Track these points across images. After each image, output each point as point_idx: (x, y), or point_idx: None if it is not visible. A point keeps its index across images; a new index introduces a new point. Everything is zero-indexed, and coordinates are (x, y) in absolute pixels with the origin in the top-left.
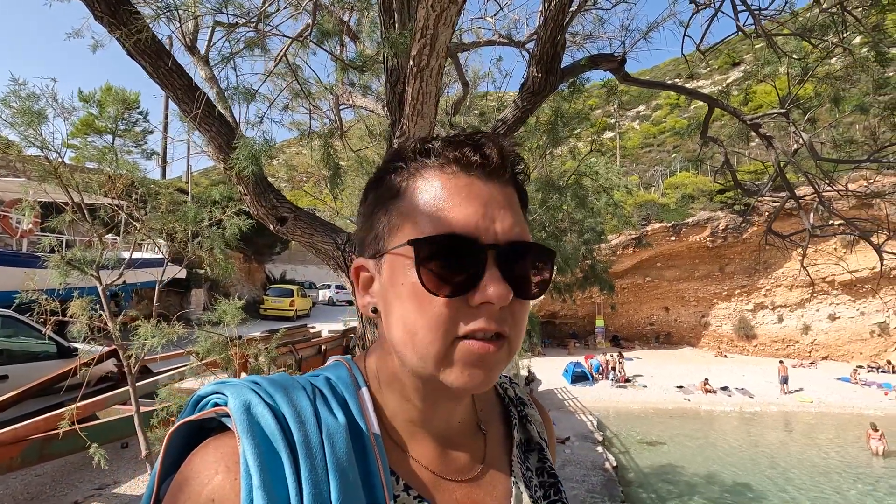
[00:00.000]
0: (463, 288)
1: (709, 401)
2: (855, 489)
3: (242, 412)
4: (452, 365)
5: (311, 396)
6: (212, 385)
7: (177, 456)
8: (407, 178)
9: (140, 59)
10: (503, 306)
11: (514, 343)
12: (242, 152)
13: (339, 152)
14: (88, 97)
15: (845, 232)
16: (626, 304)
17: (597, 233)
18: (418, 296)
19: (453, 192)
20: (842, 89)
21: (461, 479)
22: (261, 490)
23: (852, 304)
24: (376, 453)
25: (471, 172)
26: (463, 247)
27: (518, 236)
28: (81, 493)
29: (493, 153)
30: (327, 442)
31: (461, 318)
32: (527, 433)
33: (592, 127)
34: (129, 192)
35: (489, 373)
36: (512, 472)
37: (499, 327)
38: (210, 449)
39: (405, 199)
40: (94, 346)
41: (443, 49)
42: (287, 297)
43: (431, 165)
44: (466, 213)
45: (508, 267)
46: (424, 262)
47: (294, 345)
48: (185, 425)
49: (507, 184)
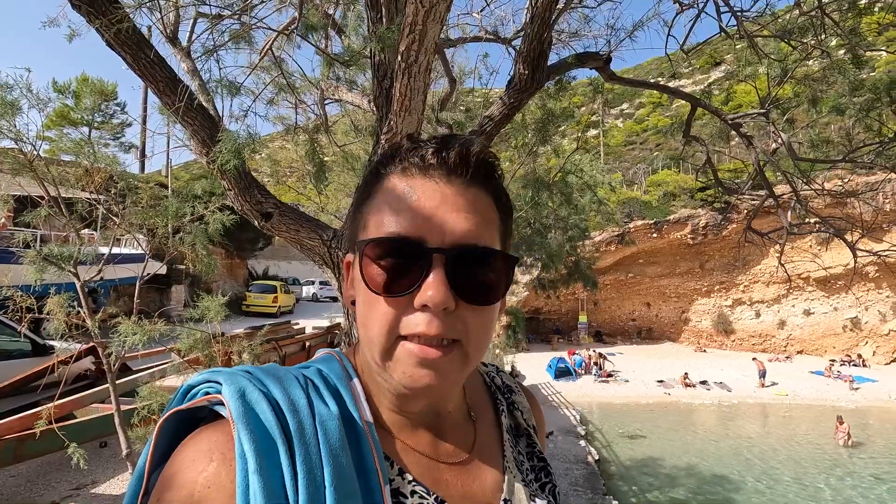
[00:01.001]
0: (404, 288)
1: (688, 394)
2: (824, 478)
3: (238, 399)
4: (395, 363)
5: (304, 386)
6: (203, 374)
7: (166, 446)
8: (378, 181)
9: (120, 50)
10: (451, 311)
11: (471, 349)
12: (225, 146)
13: (324, 147)
14: (63, 88)
15: (821, 230)
16: (609, 300)
17: (581, 229)
18: (366, 294)
19: (406, 193)
20: (819, 91)
21: (454, 462)
22: (257, 475)
23: (826, 300)
24: (370, 440)
25: (428, 174)
26: (406, 249)
27: (471, 240)
28: (59, 494)
29: (451, 154)
30: (320, 429)
31: (406, 318)
32: (514, 419)
33: (578, 125)
34: (108, 186)
35: (438, 377)
36: (504, 456)
37: (445, 333)
38: (203, 437)
39: (371, 200)
40: (72, 343)
41: (431, 45)
42: (270, 294)
43: (396, 168)
44: (413, 216)
45: (458, 271)
46: (370, 262)
47: (278, 341)
48: (175, 415)
49: (470, 185)
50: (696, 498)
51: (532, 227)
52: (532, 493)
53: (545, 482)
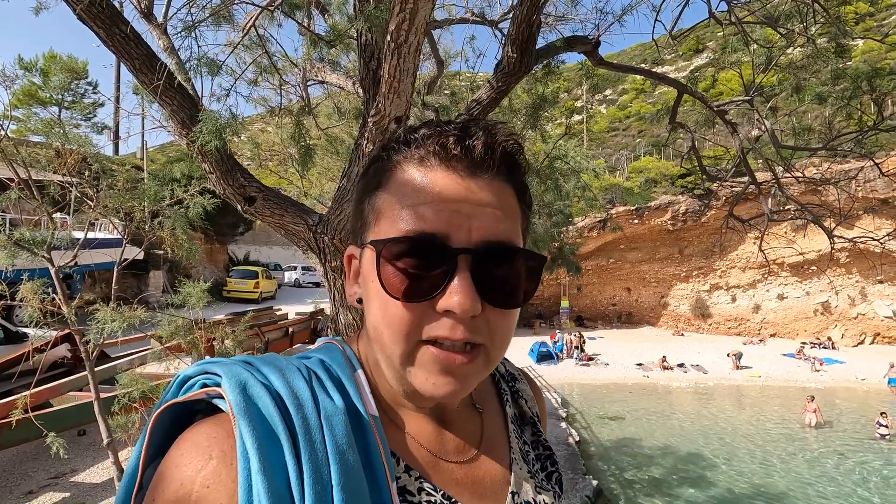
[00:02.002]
0: (426, 293)
1: (666, 377)
2: (792, 455)
3: (238, 393)
4: (417, 368)
5: (308, 378)
6: (199, 364)
7: (161, 441)
8: (388, 168)
9: (93, 24)
10: (476, 315)
11: (494, 353)
12: (206, 126)
13: (308, 130)
14: (30, 65)
15: (800, 216)
16: (591, 286)
17: (565, 215)
18: (383, 296)
19: (427, 187)
20: (802, 79)
21: (461, 461)
22: (260, 475)
23: (799, 285)
24: (376, 435)
25: (450, 166)
26: (430, 250)
27: (497, 239)
28: (36, 483)
29: (477, 144)
30: (326, 425)
31: (426, 322)
32: (519, 408)
33: (564, 110)
34: (81, 168)
35: (460, 383)
36: (510, 447)
37: (470, 336)
38: (202, 432)
39: (382, 192)
40: (47, 330)
41: (422, 24)
42: (251, 279)
43: (411, 157)
44: (438, 212)
45: (483, 273)
46: (387, 263)
47: (260, 328)
48: (170, 408)
49: (495, 179)
50: (671, 475)
51: None
52: (538, 485)
53: (551, 471)
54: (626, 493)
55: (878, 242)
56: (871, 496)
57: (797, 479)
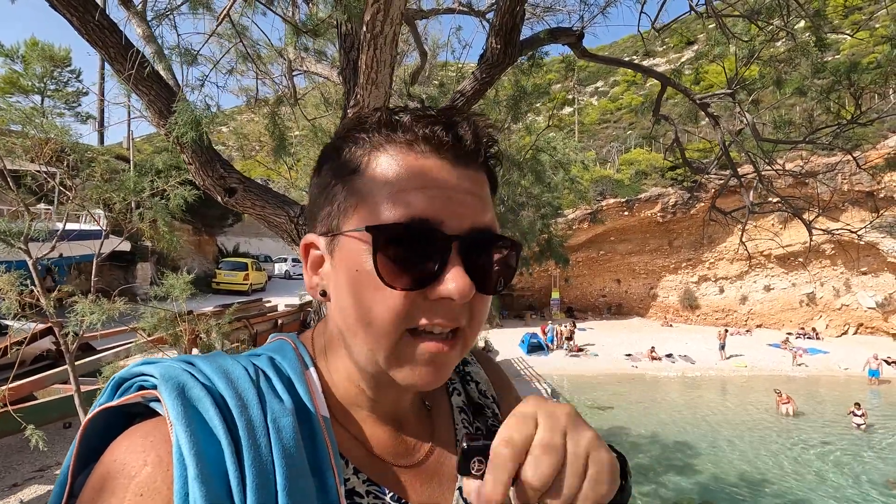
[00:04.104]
0: (423, 281)
1: (654, 367)
2: (776, 444)
3: (175, 396)
4: (403, 361)
5: (254, 378)
6: (135, 366)
7: (96, 445)
8: (369, 151)
9: (65, 11)
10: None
11: (470, 338)
12: (181, 117)
13: (293, 120)
14: (11, 52)
15: (781, 209)
16: (581, 277)
17: (554, 207)
18: (373, 285)
19: (419, 174)
20: (784, 72)
21: (411, 462)
22: (198, 482)
23: (785, 276)
24: (325, 437)
25: (441, 154)
26: (426, 236)
27: (484, 225)
28: (21, 476)
29: (467, 135)
30: (272, 427)
31: (417, 312)
32: (467, 394)
33: (551, 101)
34: (60, 158)
35: (440, 371)
36: (457, 440)
37: (457, 323)
38: (137, 436)
39: (365, 176)
40: (27, 323)
41: (397, 15)
42: (241, 271)
43: (398, 141)
44: (432, 199)
45: (472, 259)
46: (382, 250)
47: (249, 319)
48: (104, 412)
49: (479, 169)
50: (659, 463)
51: (505, 205)
52: None
53: None
54: None
55: (856, 235)
56: (848, 481)
57: (779, 467)
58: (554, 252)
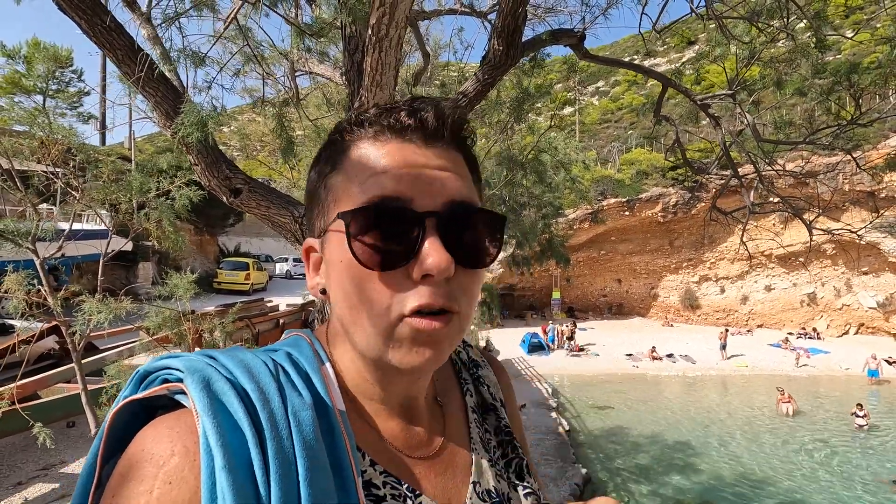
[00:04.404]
0: (399, 259)
1: (655, 367)
2: (777, 444)
3: (201, 388)
4: (399, 344)
5: (274, 372)
6: (160, 359)
7: (120, 437)
8: (342, 150)
9: (73, 14)
10: (449, 278)
11: (465, 317)
12: (188, 118)
13: (296, 121)
14: (13, 52)
15: (781, 209)
16: (582, 277)
17: (555, 207)
18: (355, 272)
19: (384, 158)
20: (784, 73)
21: (424, 456)
22: (225, 471)
23: (786, 276)
24: (343, 431)
25: (405, 137)
26: (396, 214)
27: (461, 198)
28: (25, 474)
29: (428, 116)
30: (293, 420)
31: (404, 295)
32: (480, 395)
33: (553, 102)
34: (66, 158)
35: (438, 351)
36: (471, 438)
37: (446, 302)
38: (163, 427)
39: (339, 173)
40: (33, 322)
41: (402, 18)
42: (242, 271)
43: (365, 135)
44: (398, 178)
45: (452, 234)
46: (356, 234)
47: (251, 319)
48: (130, 404)
49: (449, 148)
50: (659, 463)
51: (506, 205)
52: (498, 473)
53: (511, 458)
54: (615, 481)
55: (856, 234)
56: (848, 482)
57: (780, 466)
58: (555, 252)
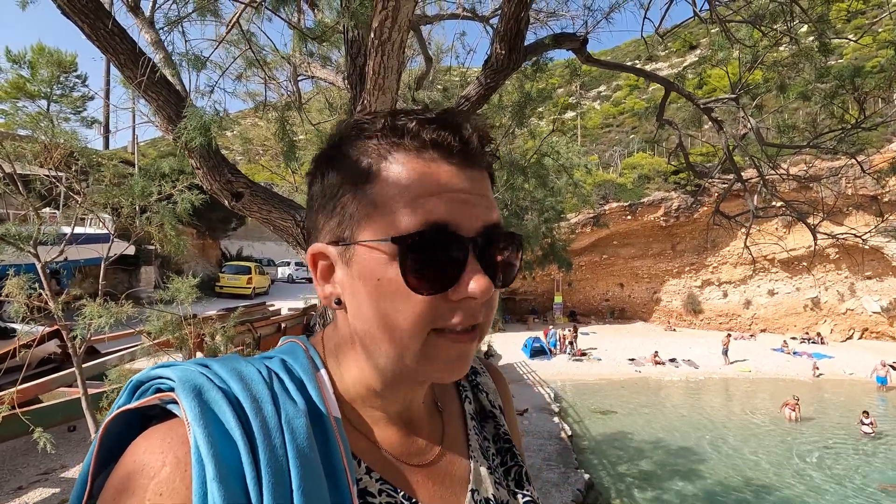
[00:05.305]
0: (447, 284)
1: (658, 372)
2: (782, 450)
3: (193, 398)
4: (432, 360)
5: (268, 380)
6: (152, 369)
7: (114, 446)
8: (377, 159)
9: (76, 18)
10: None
11: (485, 329)
12: (191, 122)
13: (298, 125)
14: (18, 57)
15: (785, 213)
16: (584, 281)
17: (557, 211)
18: (398, 293)
19: (432, 180)
20: (788, 77)
21: (422, 464)
22: (216, 482)
23: (789, 281)
24: (338, 438)
25: (451, 159)
26: (447, 242)
27: (493, 224)
28: (26, 479)
29: (472, 138)
30: (287, 427)
31: (441, 313)
32: (479, 402)
33: (555, 106)
34: (69, 162)
35: (465, 363)
36: (469, 445)
37: (476, 319)
38: (156, 438)
39: (377, 185)
40: (35, 326)
41: (405, 22)
42: (244, 275)
43: (407, 148)
44: (448, 204)
45: (486, 258)
46: (407, 259)
47: (252, 323)
48: (122, 415)
49: (483, 169)
50: (662, 469)
51: (509, 209)
52: (496, 480)
53: (510, 465)
54: (617, 487)
55: (860, 239)
56: (853, 488)
57: (783, 472)
58: (557, 256)
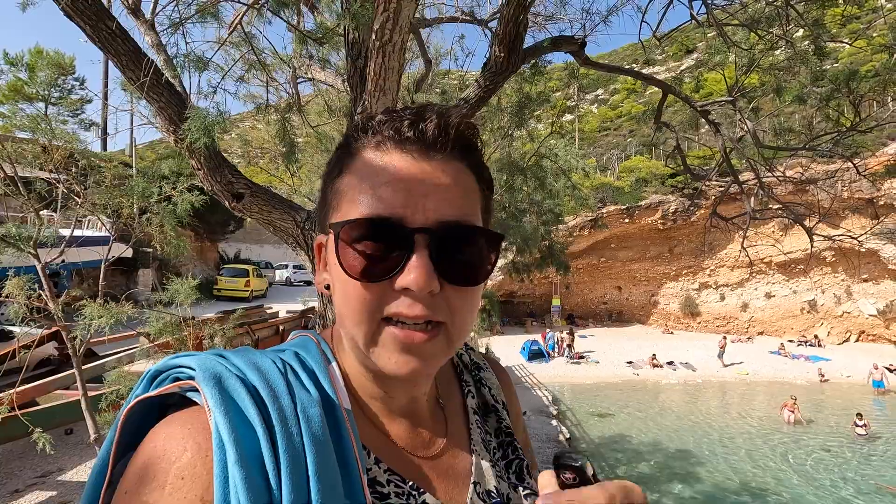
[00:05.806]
0: (384, 273)
1: (655, 374)
2: (778, 453)
3: (213, 385)
4: (380, 348)
5: (283, 371)
6: (170, 359)
7: (132, 435)
8: (348, 155)
9: (79, 20)
10: (434, 293)
11: (454, 332)
12: (194, 124)
13: (297, 127)
14: (16, 60)
15: (782, 216)
16: (582, 284)
17: (555, 214)
18: (343, 277)
19: (382, 170)
20: (784, 80)
21: (428, 454)
22: (237, 466)
23: (786, 283)
24: (349, 428)
25: (405, 148)
26: (385, 230)
27: (454, 217)
28: (23, 482)
29: (429, 126)
30: (302, 416)
31: (386, 300)
32: (482, 397)
33: (553, 109)
34: (68, 164)
35: (423, 362)
36: (471, 439)
37: (430, 315)
38: (176, 424)
39: (343, 178)
40: (33, 327)
41: (406, 23)
42: (242, 278)
43: (369, 143)
44: (393, 193)
45: (442, 251)
46: (345, 245)
47: (251, 325)
48: (141, 403)
49: (451, 160)
50: (660, 471)
51: (507, 212)
52: (498, 474)
53: (511, 459)
54: None
55: (857, 241)
56: (849, 489)
57: (781, 475)
58: (555, 259)
